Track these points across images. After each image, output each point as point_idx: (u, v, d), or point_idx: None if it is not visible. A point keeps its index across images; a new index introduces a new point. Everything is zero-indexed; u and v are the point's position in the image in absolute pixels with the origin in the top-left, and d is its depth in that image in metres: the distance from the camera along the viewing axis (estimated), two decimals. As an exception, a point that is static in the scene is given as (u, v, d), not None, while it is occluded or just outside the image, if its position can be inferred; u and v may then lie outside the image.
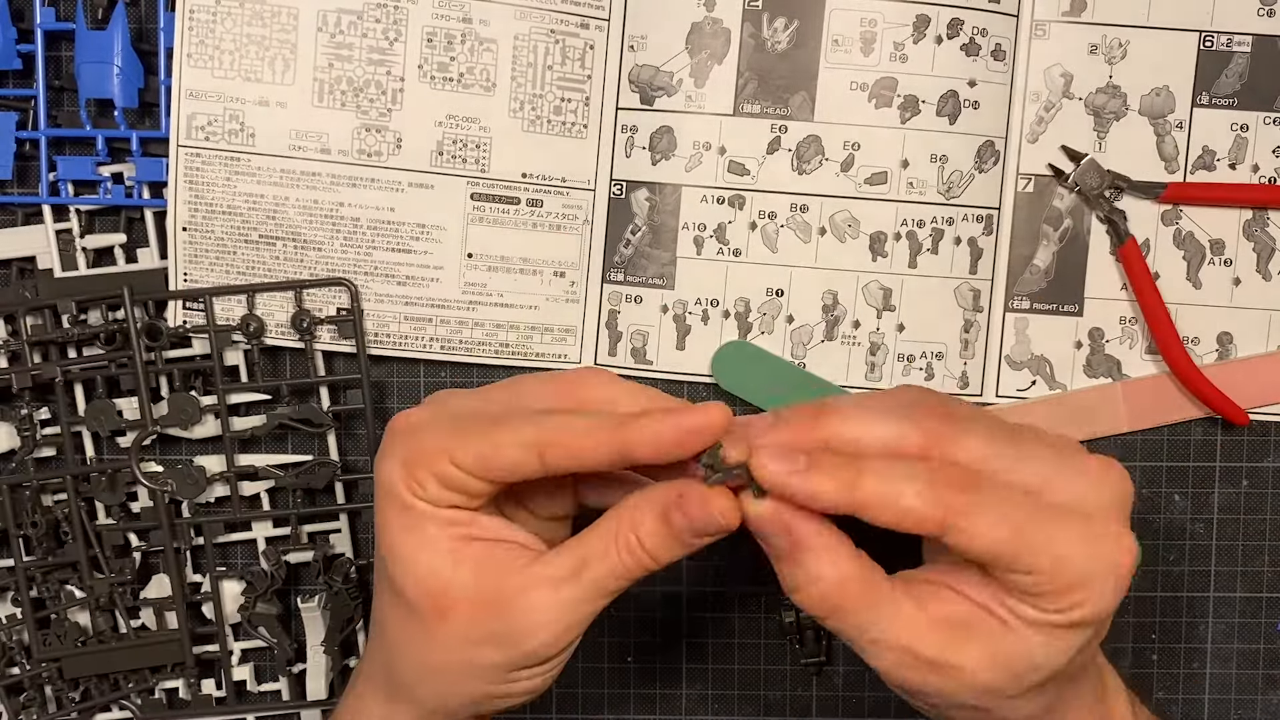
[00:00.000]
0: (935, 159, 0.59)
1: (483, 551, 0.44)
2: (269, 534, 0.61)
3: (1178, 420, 0.61)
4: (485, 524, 0.44)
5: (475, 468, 0.42)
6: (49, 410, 0.60)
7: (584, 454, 0.42)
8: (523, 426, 0.42)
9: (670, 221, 0.60)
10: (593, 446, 0.41)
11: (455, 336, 0.60)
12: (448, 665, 0.44)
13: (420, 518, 0.44)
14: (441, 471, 0.43)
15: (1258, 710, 0.63)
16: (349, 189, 0.59)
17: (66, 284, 0.59)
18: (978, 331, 0.61)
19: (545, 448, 0.42)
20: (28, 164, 0.60)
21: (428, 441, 0.43)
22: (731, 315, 0.60)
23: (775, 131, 0.59)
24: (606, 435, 0.41)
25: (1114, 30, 0.59)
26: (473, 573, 0.43)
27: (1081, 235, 0.60)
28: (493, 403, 0.45)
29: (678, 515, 0.42)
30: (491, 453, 0.42)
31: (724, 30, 0.59)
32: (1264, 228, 0.60)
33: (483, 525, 0.44)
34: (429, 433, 0.44)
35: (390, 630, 0.46)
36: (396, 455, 0.44)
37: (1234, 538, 0.62)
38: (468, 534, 0.44)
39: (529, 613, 0.43)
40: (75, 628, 0.60)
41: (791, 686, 0.63)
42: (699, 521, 0.41)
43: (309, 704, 0.61)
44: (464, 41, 0.58)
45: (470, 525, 0.44)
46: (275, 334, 0.60)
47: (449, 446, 0.43)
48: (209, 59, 0.57)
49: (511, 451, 0.42)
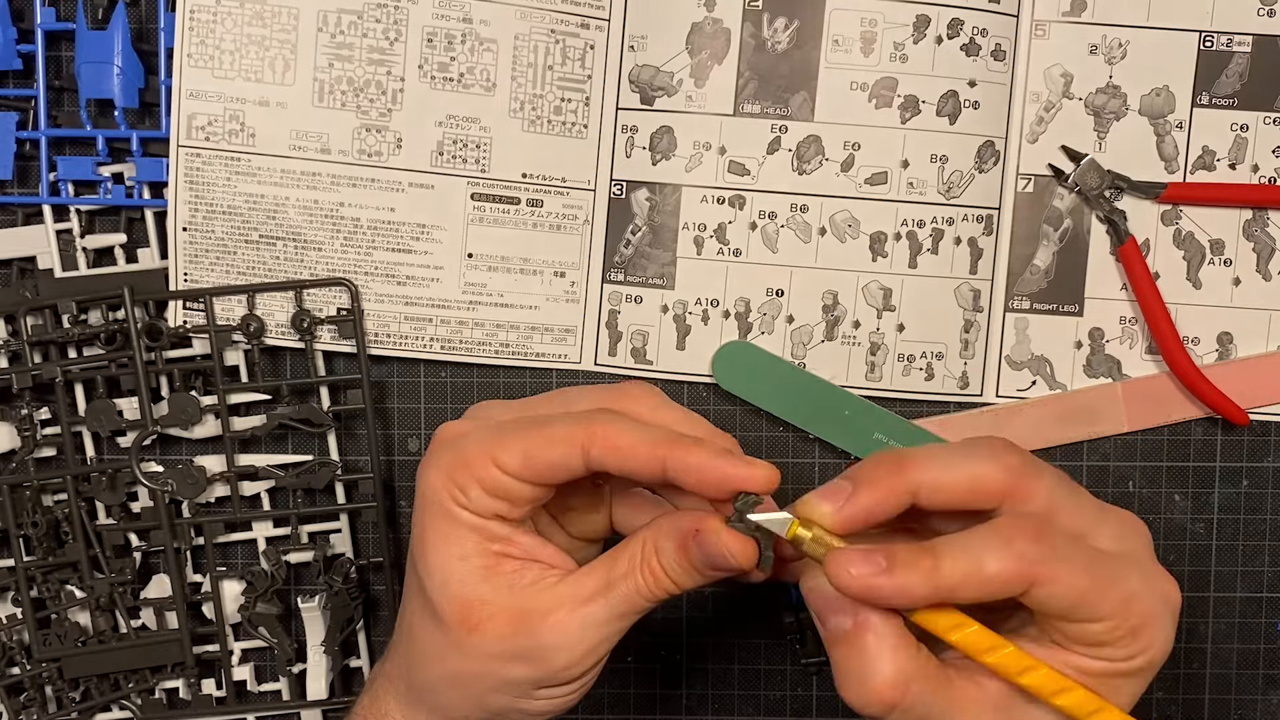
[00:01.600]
0: (935, 159, 0.59)
1: (515, 569, 0.44)
2: (269, 534, 0.61)
3: (1178, 420, 0.61)
4: (521, 541, 0.45)
5: (520, 468, 0.43)
6: (49, 410, 0.60)
7: (627, 455, 0.42)
8: (568, 423, 0.43)
9: (670, 221, 0.60)
10: (637, 450, 0.42)
11: (455, 336, 0.60)
12: (473, 677, 0.45)
13: (460, 528, 0.44)
14: (485, 476, 0.43)
15: (1258, 710, 0.63)
16: (349, 189, 0.59)
17: (67, 284, 0.59)
18: (978, 331, 0.61)
19: (590, 443, 0.42)
20: (28, 164, 0.60)
21: (471, 448, 0.44)
22: (731, 315, 0.60)
23: (775, 131, 0.59)
24: (653, 445, 0.42)
25: (1114, 30, 0.59)
26: (504, 589, 0.44)
27: (1081, 235, 0.60)
28: (536, 410, 0.46)
29: (693, 548, 0.42)
30: (536, 449, 0.43)
31: (724, 30, 0.59)
32: (1264, 228, 0.60)
33: (518, 543, 0.45)
34: (473, 440, 0.44)
35: (418, 637, 0.46)
36: (441, 464, 0.44)
37: (1234, 538, 0.62)
38: (503, 551, 0.44)
39: (556, 631, 0.43)
40: (75, 628, 0.60)
41: (791, 686, 0.63)
42: (713, 558, 0.42)
43: (309, 704, 0.61)
44: (464, 41, 0.58)
45: (507, 542, 0.44)
46: (275, 334, 0.60)
47: (493, 450, 0.43)
48: (209, 59, 0.57)
49: (556, 448, 0.43)
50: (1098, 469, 0.61)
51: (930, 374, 0.60)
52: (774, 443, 0.61)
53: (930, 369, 0.60)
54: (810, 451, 0.62)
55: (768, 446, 0.61)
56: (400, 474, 0.62)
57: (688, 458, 0.41)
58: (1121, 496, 0.62)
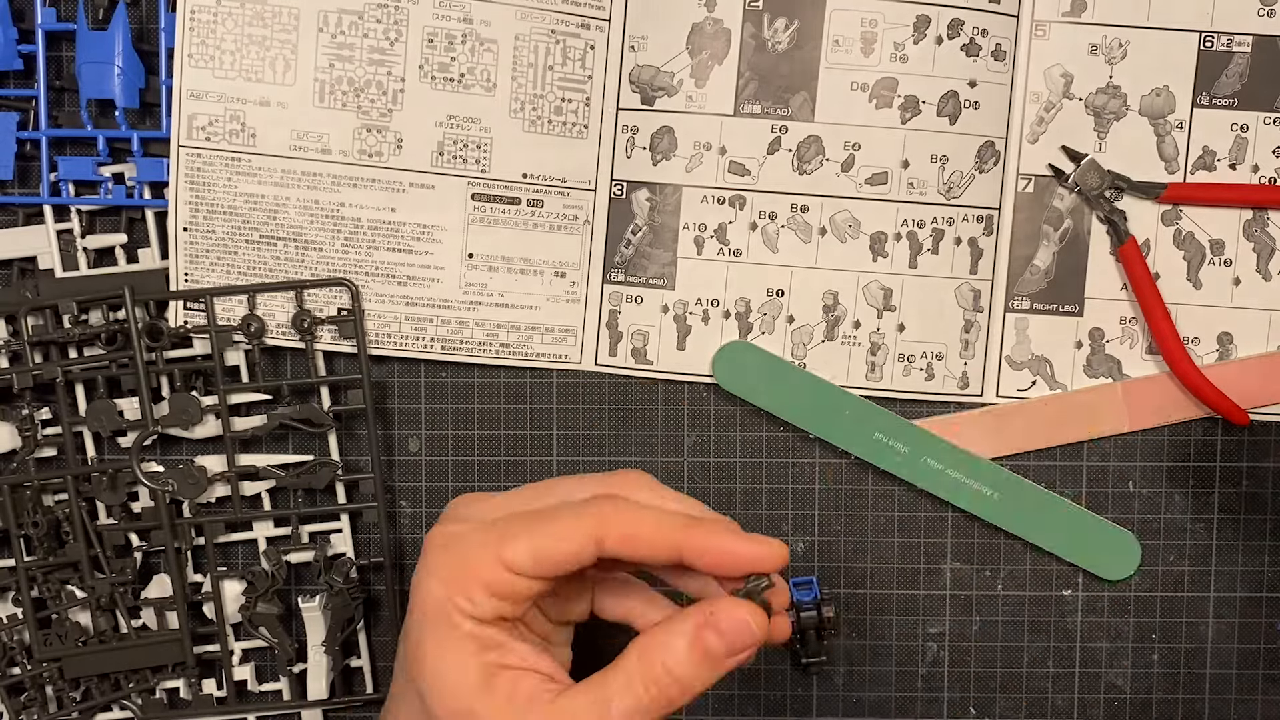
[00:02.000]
0: (935, 159, 0.59)
1: (512, 679, 0.43)
2: (270, 534, 0.61)
3: (1178, 420, 0.61)
4: (518, 650, 0.44)
5: (530, 565, 0.42)
6: (50, 410, 0.60)
7: (644, 543, 0.42)
8: (575, 514, 0.43)
9: (671, 222, 0.60)
10: (654, 538, 0.43)
11: (456, 337, 0.60)
12: None
13: (459, 638, 0.43)
14: (492, 579, 0.43)
15: (1258, 710, 0.63)
16: (350, 189, 0.59)
17: (67, 284, 0.59)
18: (978, 331, 0.61)
19: (604, 534, 0.42)
20: (29, 164, 0.60)
21: (473, 551, 0.43)
22: (732, 315, 0.60)
23: (776, 132, 0.59)
24: (670, 531, 0.43)
25: (1114, 30, 0.59)
26: (502, 702, 0.43)
27: (1082, 235, 0.61)
28: (529, 502, 0.46)
29: (711, 635, 0.42)
30: (547, 546, 0.42)
31: (724, 31, 0.59)
32: (1264, 228, 0.60)
33: (516, 652, 0.44)
34: (473, 543, 0.44)
35: None
36: (440, 572, 0.44)
37: (1234, 538, 0.62)
38: (500, 662, 0.43)
39: None
40: (76, 628, 0.60)
41: (791, 686, 0.63)
42: (734, 637, 0.42)
43: (310, 704, 0.61)
44: (464, 42, 0.58)
45: (505, 651, 0.44)
46: (276, 334, 0.60)
47: (499, 551, 0.43)
48: (210, 59, 0.58)
49: (568, 542, 0.42)
50: (1098, 469, 0.61)
51: (930, 374, 0.60)
52: (774, 443, 0.61)
53: (930, 369, 0.60)
54: (810, 451, 0.62)
55: (768, 446, 0.61)
56: (400, 474, 0.62)
57: (706, 541, 0.42)
58: (1121, 497, 0.62)
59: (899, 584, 0.62)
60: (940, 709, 0.63)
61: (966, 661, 0.63)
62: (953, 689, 0.63)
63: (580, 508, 0.43)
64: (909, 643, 0.63)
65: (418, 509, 0.62)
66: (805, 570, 0.62)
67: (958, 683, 0.63)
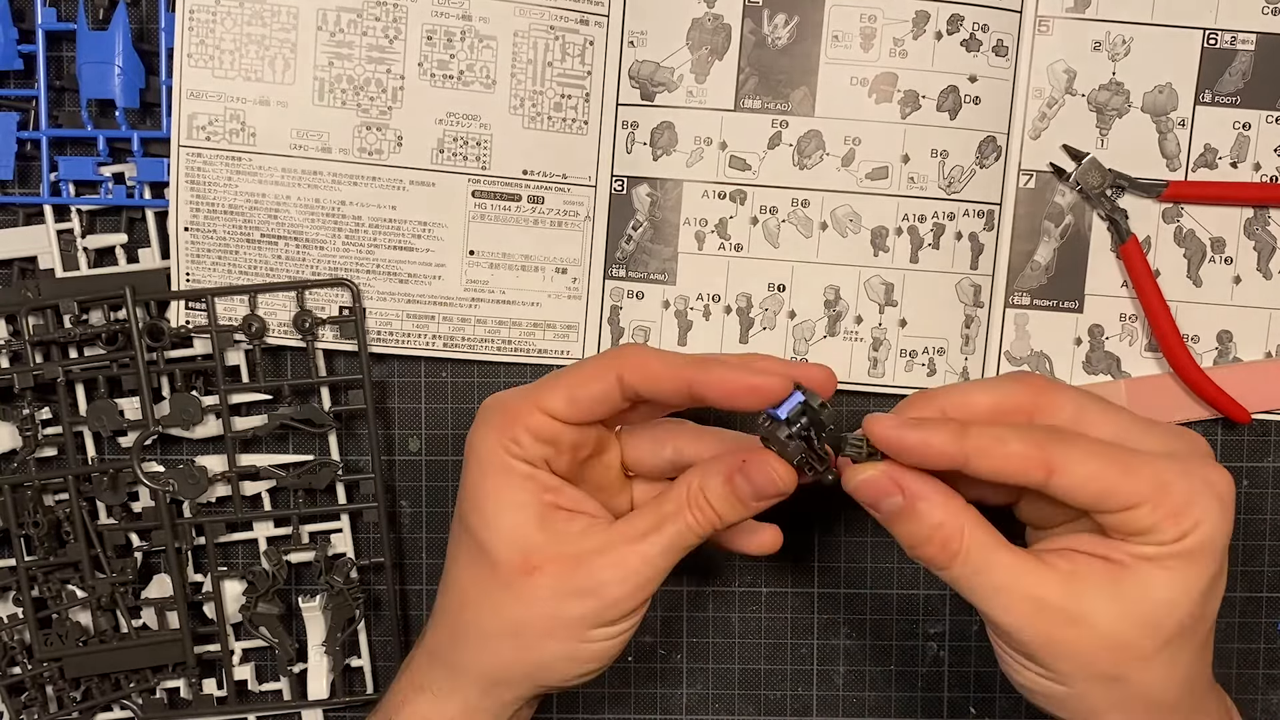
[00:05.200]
0: (936, 154, 0.59)
1: (566, 518, 0.49)
2: (270, 534, 0.61)
3: (1179, 420, 0.61)
4: (569, 494, 0.49)
5: (565, 407, 0.48)
6: (51, 410, 0.60)
7: (657, 377, 0.47)
8: (601, 359, 0.49)
9: (671, 217, 0.60)
10: (666, 372, 0.47)
11: (458, 334, 0.60)
12: (530, 621, 0.48)
13: (516, 479, 0.48)
14: (534, 423, 0.48)
15: (1258, 710, 0.63)
16: (350, 187, 0.59)
17: (68, 284, 0.59)
18: (978, 327, 0.60)
19: (624, 369, 0.47)
20: (29, 164, 0.60)
21: (516, 402, 0.49)
22: (733, 311, 0.60)
23: (776, 127, 0.59)
24: (681, 365, 0.47)
25: (1117, 27, 0.59)
26: (558, 536, 0.48)
27: (1082, 232, 0.60)
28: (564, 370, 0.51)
29: (740, 479, 0.47)
30: (578, 387, 0.48)
31: (724, 26, 0.59)
32: (1265, 226, 0.60)
33: (567, 494, 0.49)
34: (516, 395, 0.49)
35: (470, 596, 0.50)
36: (490, 423, 0.49)
37: (1234, 538, 0.62)
38: (554, 502, 0.49)
39: (613, 566, 0.48)
40: (77, 627, 0.60)
41: (791, 686, 0.63)
42: (760, 484, 0.46)
43: (310, 704, 0.61)
44: (464, 39, 0.58)
45: (558, 492, 0.49)
46: (277, 334, 0.60)
47: (537, 399, 0.48)
48: (210, 59, 0.58)
49: (595, 383, 0.48)
50: (1100, 466, 0.61)
51: (932, 369, 0.60)
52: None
53: (932, 364, 0.60)
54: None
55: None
56: (401, 474, 0.62)
57: (710, 374, 0.46)
58: (1124, 494, 0.61)
59: (899, 584, 0.62)
60: (940, 709, 0.63)
61: (966, 661, 0.63)
62: (953, 689, 0.63)
63: (602, 355, 0.49)
64: (909, 643, 0.63)
65: (418, 509, 0.62)
66: (806, 570, 0.62)
67: (958, 683, 0.63)
